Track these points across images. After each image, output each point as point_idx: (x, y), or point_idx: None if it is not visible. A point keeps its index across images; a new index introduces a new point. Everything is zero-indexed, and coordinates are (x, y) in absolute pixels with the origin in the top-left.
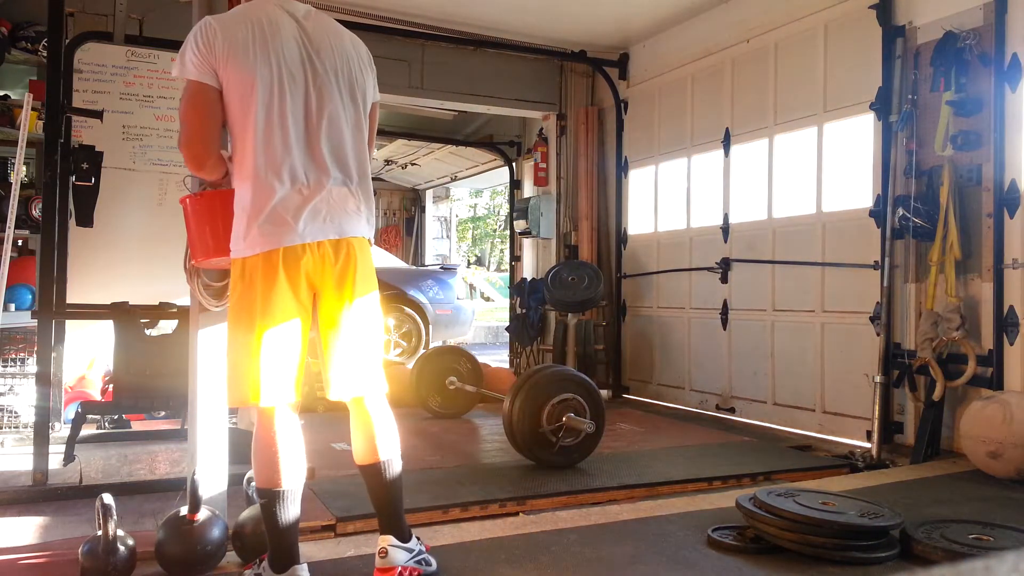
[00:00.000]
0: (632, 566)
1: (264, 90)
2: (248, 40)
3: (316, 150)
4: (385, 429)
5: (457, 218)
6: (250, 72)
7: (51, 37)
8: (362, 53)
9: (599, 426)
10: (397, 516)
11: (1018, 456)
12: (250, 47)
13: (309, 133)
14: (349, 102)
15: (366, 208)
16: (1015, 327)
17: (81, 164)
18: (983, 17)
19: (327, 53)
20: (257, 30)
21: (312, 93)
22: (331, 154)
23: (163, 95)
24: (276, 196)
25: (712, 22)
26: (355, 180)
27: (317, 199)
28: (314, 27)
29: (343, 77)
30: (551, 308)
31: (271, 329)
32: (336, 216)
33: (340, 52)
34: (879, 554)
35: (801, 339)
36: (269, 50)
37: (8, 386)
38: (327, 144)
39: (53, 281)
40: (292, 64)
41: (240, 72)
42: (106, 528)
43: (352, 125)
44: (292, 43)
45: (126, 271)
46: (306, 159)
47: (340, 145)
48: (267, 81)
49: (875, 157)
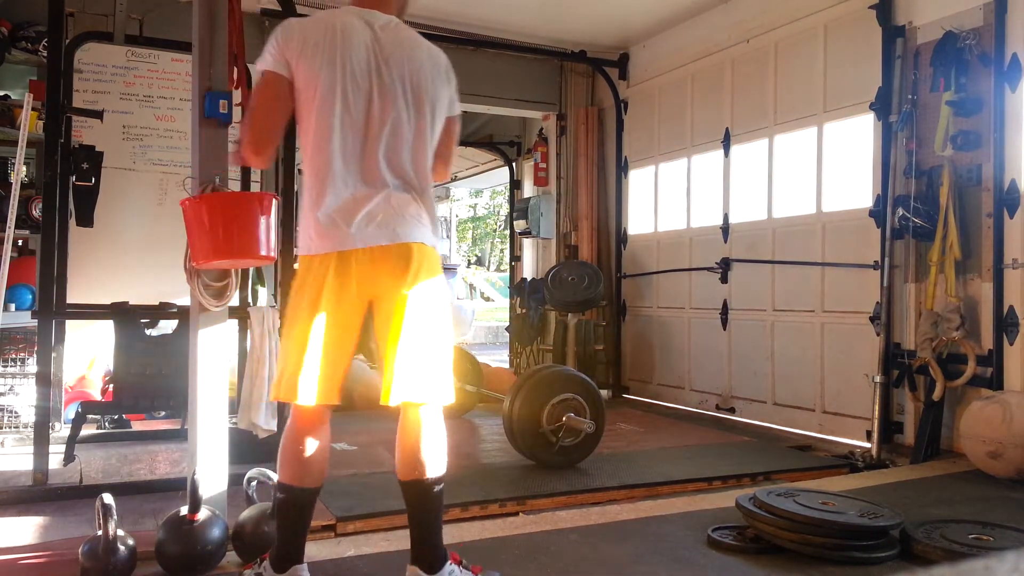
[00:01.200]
0: (632, 566)
1: (326, 93)
2: (319, 42)
3: (375, 157)
4: (431, 445)
5: (457, 218)
6: (315, 74)
7: (51, 37)
8: (440, 65)
9: (599, 426)
10: (428, 544)
11: (1018, 456)
12: (319, 50)
13: (369, 140)
14: (414, 112)
15: (428, 216)
16: (1015, 327)
17: (81, 164)
18: (983, 17)
19: (397, 62)
20: (330, 35)
21: (376, 100)
22: (390, 161)
23: (163, 95)
24: (331, 199)
25: (712, 22)
26: (415, 188)
27: (372, 204)
28: (389, 37)
29: (410, 87)
30: (551, 308)
31: (314, 330)
32: (391, 222)
33: (412, 63)
34: (879, 554)
35: (801, 339)
36: (336, 55)
37: (8, 386)
38: (387, 151)
39: (53, 281)
40: (358, 71)
41: (307, 72)
42: (106, 528)
43: (415, 134)
44: (362, 50)
45: (126, 271)
46: (364, 165)
47: (400, 153)
48: (329, 85)
49: (875, 157)
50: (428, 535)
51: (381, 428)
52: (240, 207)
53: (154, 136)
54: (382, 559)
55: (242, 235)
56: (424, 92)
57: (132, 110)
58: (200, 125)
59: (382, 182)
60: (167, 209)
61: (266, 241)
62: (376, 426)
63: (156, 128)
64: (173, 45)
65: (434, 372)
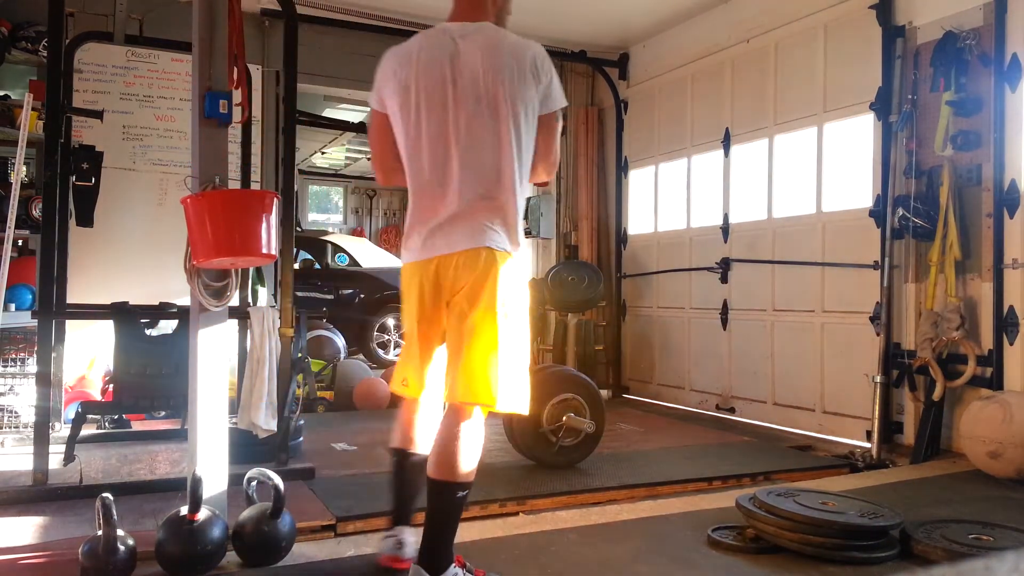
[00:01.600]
0: (632, 566)
1: (404, 116)
2: (397, 71)
3: (453, 167)
4: (448, 446)
5: None
6: (395, 102)
7: (51, 37)
8: (526, 62)
9: (599, 426)
10: (430, 546)
11: (1018, 456)
12: (397, 78)
13: (449, 150)
14: (490, 117)
15: (500, 222)
16: (1015, 327)
17: (81, 164)
18: (983, 17)
19: (470, 70)
20: (406, 61)
21: (451, 112)
22: (469, 169)
23: (163, 95)
24: (414, 213)
25: (712, 22)
26: (492, 194)
27: (442, 217)
28: (468, 46)
29: (484, 91)
30: (551, 308)
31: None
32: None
33: (489, 66)
34: (879, 554)
35: (801, 339)
36: (411, 79)
37: (8, 386)
38: (466, 160)
39: (53, 281)
40: (431, 88)
41: (390, 102)
42: (106, 528)
43: (495, 139)
44: (435, 68)
45: (126, 271)
46: (444, 176)
47: (479, 160)
48: (406, 109)
49: (875, 157)
50: (431, 535)
51: (381, 428)
52: (241, 205)
53: (154, 136)
54: None
55: (243, 233)
56: (501, 94)
57: (132, 110)
58: (200, 125)
59: (458, 191)
60: (167, 209)
61: (267, 240)
62: (376, 426)
63: (156, 128)
64: (173, 45)
65: (471, 375)
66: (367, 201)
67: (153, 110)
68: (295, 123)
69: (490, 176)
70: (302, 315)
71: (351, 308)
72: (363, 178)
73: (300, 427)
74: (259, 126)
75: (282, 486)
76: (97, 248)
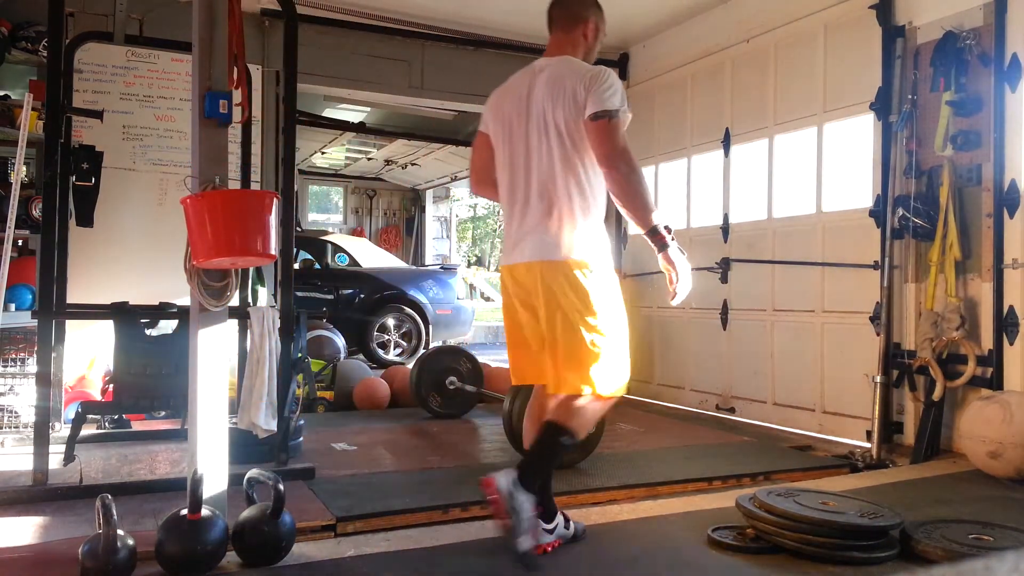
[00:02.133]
0: (632, 566)
1: (496, 143)
2: (493, 103)
3: (528, 188)
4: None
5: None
6: (492, 128)
7: (51, 37)
8: (579, 85)
9: (599, 426)
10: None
11: (1018, 456)
12: (492, 108)
13: (526, 173)
14: (556, 142)
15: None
16: (1015, 327)
17: (81, 164)
18: (983, 17)
19: (539, 100)
20: (498, 94)
21: (524, 138)
22: (539, 187)
23: (163, 95)
24: (506, 226)
25: (712, 22)
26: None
27: (522, 229)
28: (544, 77)
29: (550, 117)
30: None
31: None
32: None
33: (550, 97)
34: (879, 554)
35: (801, 339)
36: (501, 109)
37: (8, 386)
38: (537, 179)
39: (53, 281)
40: (513, 118)
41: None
42: (106, 528)
43: (557, 158)
44: (517, 99)
45: (126, 271)
46: (517, 195)
47: (546, 178)
48: (495, 135)
49: (875, 157)
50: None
51: (381, 428)
52: (241, 205)
53: (154, 136)
54: (382, 559)
55: (243, 233)
56: (560, 117)
57: (132, 110)
58: (200, 125)
59: (530, 209)
60: (167, 209)
61: (267, 240)
62: (376, 426)
63: (156, 128)
64: (173, 45)
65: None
66: (367, 201)
67: (153, 110)
68: (295, 123)
69: (557, 193)
70: (302, 315)
71: (351, 308)
72: (363, 178)
73: (300, 427)
74: (259, 126)
75: (282, 486)
76: (97, 248)
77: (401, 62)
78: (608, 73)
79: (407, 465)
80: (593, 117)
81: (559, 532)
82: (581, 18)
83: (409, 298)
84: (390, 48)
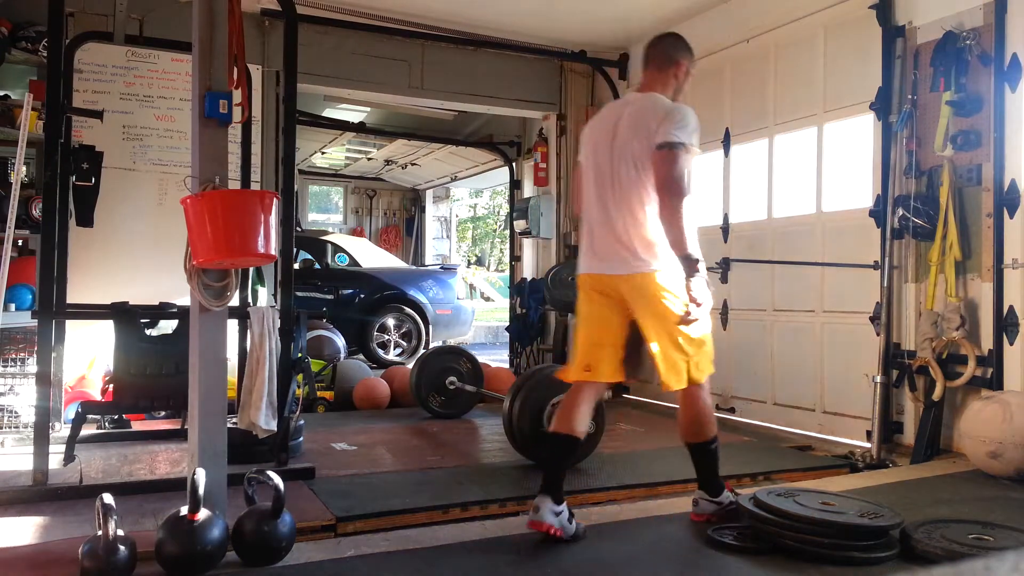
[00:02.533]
0: (632, 566)
1: (585, 166)
2: (586, 133)
3: (609, 208)
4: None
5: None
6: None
7: (51, 37)
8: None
9: (599, 426)
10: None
11: (1018, 456)
12: (586, 138)
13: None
14: (633, 167)
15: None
16: (1015, 327)
17: (81, 164)
18: (983, 17)
19: (624, 132)
20: (594, 123)
21: (611, 165)
22: (620, 209)
23: (163, 95)
24: (588, 237)
25: (712, 22)
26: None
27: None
28: (632, 111)
29: (631, 148)
30: (551, 308)
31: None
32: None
33: (632, 129)
34: (879, 554)
35: (801, 339)
36: (592, 139)
37: (8, 386)
38: (618, 202)
39: (53, 281)
40: (600, 147)
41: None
42: (106, 528)
43: (635, 185)
44: (605, 128)
45: (126, 271)
46: (601, 215)
47: (625, 201)
48: (585, 160)
49: (875, 157)
50: (707, 475)
51: (381, 428)
52: (241, 205)
53: (154, 136)
54: (382, 559)
55: (243, 233)
56: (637, 147)
57: (132, 110)
58: (200, 125)
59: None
60: (167, 209)
61: (267, 240)
62: (376, 426)
63: (156, 128)
64: (173, 45)
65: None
66: (367, 201)
67: (153, 110)
68: (295, 123)
69: (638, 215)
70: (302, 315)
71: (351, 308)
72: (363, 178)
73: (300, 427)
74: (259, 126)
75: (282, 486)
76: (97, 248)
77: (401, 62)
78: (685, 111)
79: (407, 465)
80: (658, 147)
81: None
82: (674, 60)
83: (409, 298)
84: (390, 48)
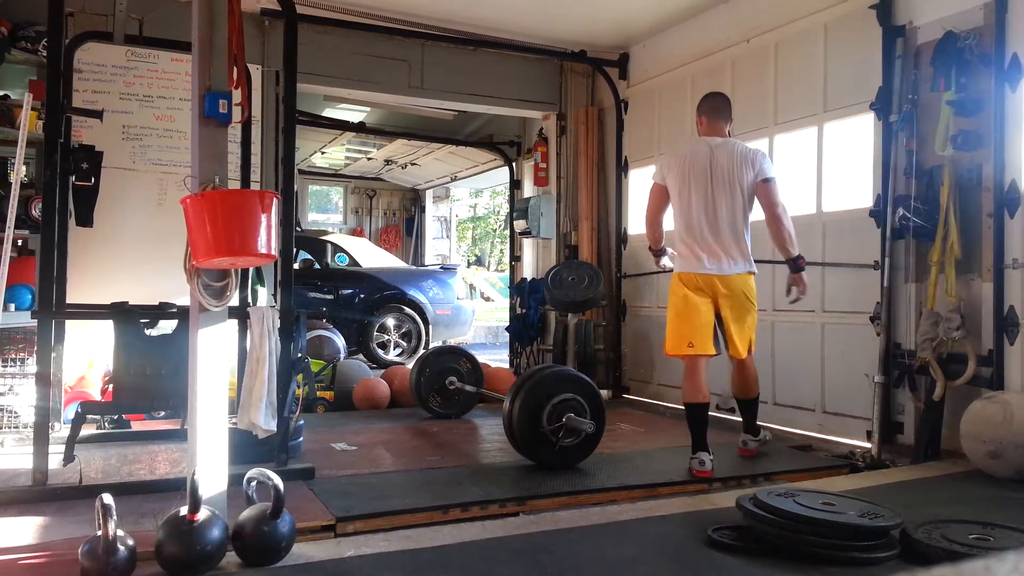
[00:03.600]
0: (632, 566)
1: (681, 191)
2: (675, 165)
3: (711, 222)
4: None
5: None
6: (674, 182)
7: (51, 37)
8: (747, 160)
9: (599, 426)
10: (749, 423)
11: (1018, 456)
12: (675, 169)
13: (709, 212)
14: (728, 194)
15: (740, 254)
16: (1015, 327)
17: (81, 164)
18: (983, 17)
19: (720, 166)
20: (679, 159)
21: (710, 189)
22: (721, 223)
23: (163, 95)
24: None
25: (712, 22)
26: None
27: (713, 250)
28: (718, 151)
29: (727, 178)
30: (551, 308)
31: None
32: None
33: (730, 164)
34: (879, 554)
35: (801, 339)
36: (685, 169)
37: (8, 386)
38: (720, 217)
39: (53, 281)
40: (697, 175)
41: (670, 181)
42: (106, 528)
43: (733, 205)
44: (700, 162)
45: (126, 271)
46: (708, 226)
47: (725, 217)
48: (684, 187)
49: (875, 157)
50: (752, 420)
51: (381, 428)
52: (241, 205)
53: (154, 136)
54: (382, 559)
55: (243, 233)
56: (736, 179)
57: (132, 110)
58: (200, 125)
59: (713, 236)
60: (167, 209)
61: (266, 240)
62: (376, 426)
63: (156, 128)
64: (173, 45)
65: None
66: (367, 201)
67: (153, 110)
68: (295, 123)
69: (737, 228)
70: (302, 315)
71: (351, 308)
72: (363, 178)
73: (300, 427)
74: (259, 126)
75: (282, 486)
76: (97, 248)
77: (401, 62)
78: (765, 154)
79: (407, 465)
80: (764, 180)
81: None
82: (729, 116)
83: (409, 298)
84: (390, 48)
